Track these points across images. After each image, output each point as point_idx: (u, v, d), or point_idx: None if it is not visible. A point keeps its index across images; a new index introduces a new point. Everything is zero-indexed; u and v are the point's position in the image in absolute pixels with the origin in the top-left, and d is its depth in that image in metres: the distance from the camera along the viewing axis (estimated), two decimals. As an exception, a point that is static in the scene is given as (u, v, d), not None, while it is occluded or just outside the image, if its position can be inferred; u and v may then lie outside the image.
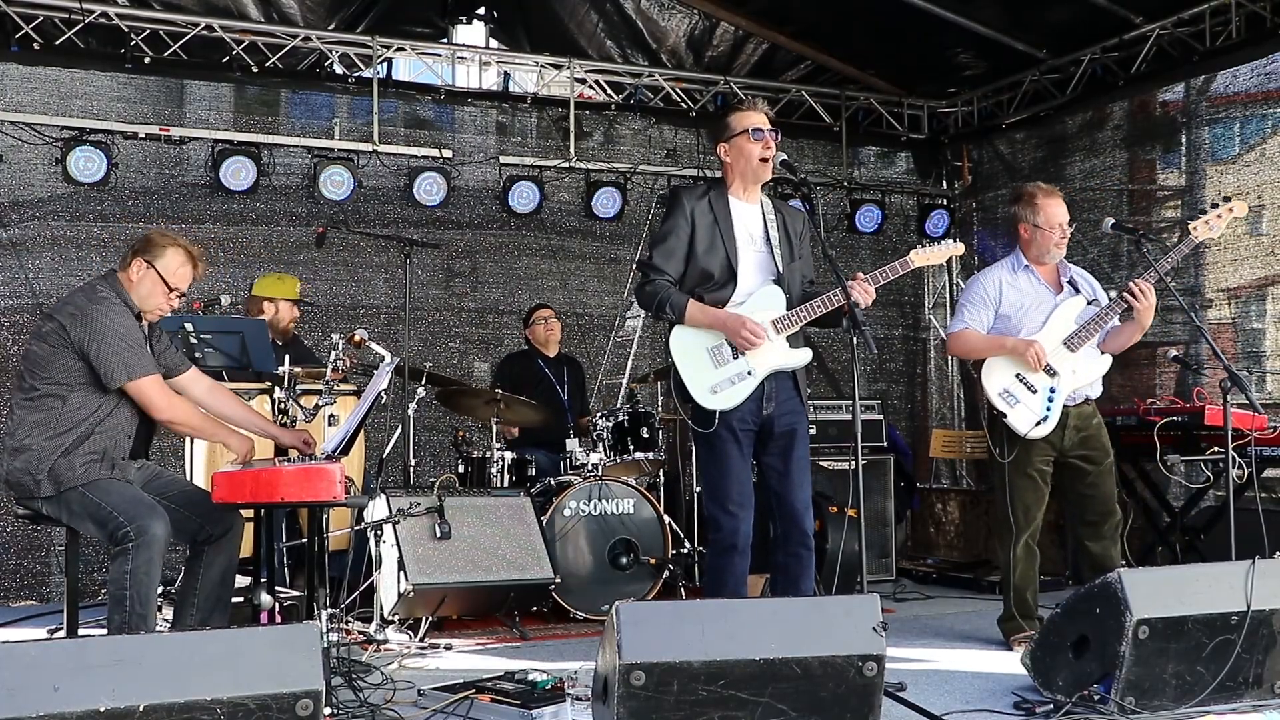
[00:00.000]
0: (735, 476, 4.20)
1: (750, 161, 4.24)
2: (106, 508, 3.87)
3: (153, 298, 4.13)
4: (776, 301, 4.23)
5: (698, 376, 4.18)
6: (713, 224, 4.23)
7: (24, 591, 6.56)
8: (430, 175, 7.40)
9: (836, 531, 6.16)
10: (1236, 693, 3.76)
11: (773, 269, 4.27)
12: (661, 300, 4.19)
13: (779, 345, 4.22)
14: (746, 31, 8.13)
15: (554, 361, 6.87)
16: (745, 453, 4.24)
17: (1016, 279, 4.93)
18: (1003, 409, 4.80)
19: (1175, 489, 6.28)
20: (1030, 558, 4.98)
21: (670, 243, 4.23)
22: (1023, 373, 4.80)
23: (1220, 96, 7.11)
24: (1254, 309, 6.96)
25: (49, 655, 2.68)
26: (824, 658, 3.21)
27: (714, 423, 4.15)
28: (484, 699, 4.00)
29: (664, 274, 4.22)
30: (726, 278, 4.21)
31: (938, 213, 8.74)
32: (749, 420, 4.21)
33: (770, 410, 4.23)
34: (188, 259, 4.16)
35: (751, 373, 4.18)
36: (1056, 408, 4.78)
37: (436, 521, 5.27)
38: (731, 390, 4.16)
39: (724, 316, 4.16)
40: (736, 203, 4.30)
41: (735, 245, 4.23)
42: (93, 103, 6.95)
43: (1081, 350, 4.79)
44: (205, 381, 4.42)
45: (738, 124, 4.24)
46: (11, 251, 6.73)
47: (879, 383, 8.79)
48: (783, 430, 4.26)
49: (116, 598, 3.78)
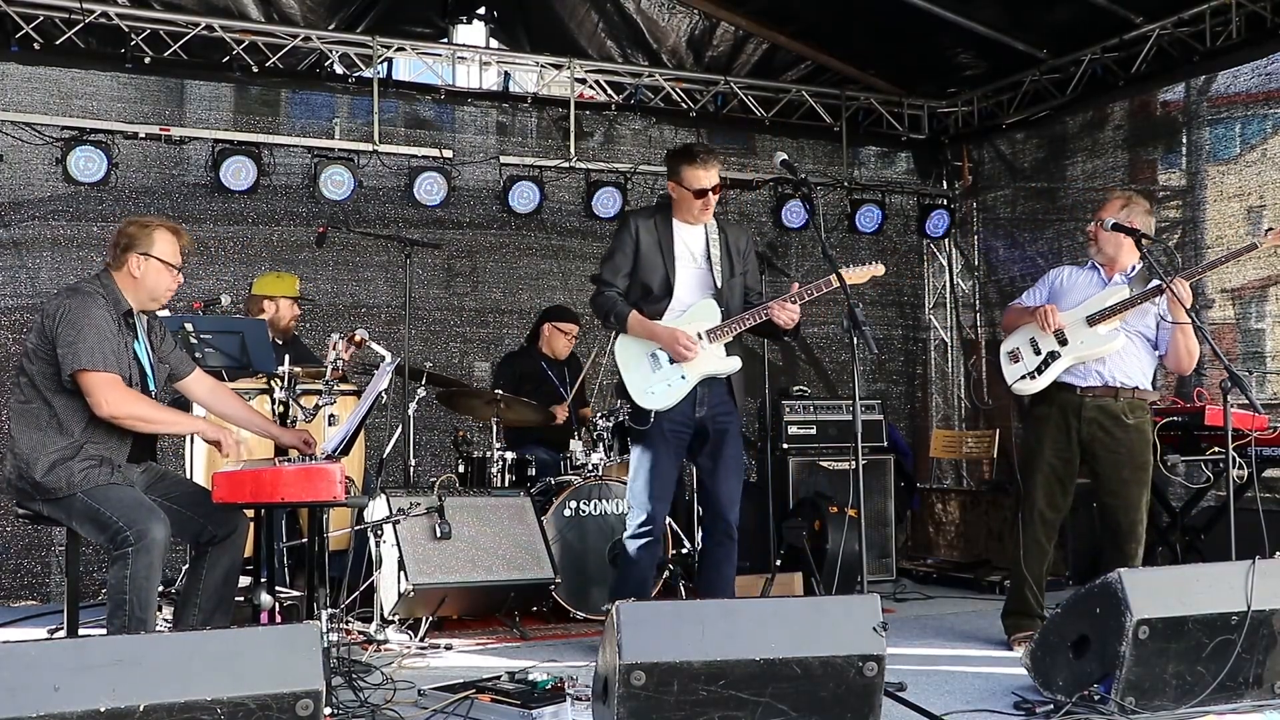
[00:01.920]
0: (661, 473, 4.68)
1: (690, 211, 4.74)
2: (106, 512, 3.84)
3: (160, 285, 4.13)
4: (712, 314, 4.70)
5: (637, 379, 4.69)
6: (656, 243, 4.73)
7: (24, 591, 6.57)
8: (431, 175, 7.40)
9: (837, 532, 6.16)
10: (1237, 693, 3.76)
11: (711, 285, 4.75)
12: (609, 310, 4.74)
13: (712, 353, 4.68)
14: (747, 31, 8.13)
15: (555, 362, 6.86)
16: (675, 453, 4.72)
17: (1081, 271, 5.03)
18: (1004, 364, 4.96)
19: (1176, 489, 6.27)
20: (1039, 553, 4.95)
21: (617, 259, 4.76)
22: (1036, 337, 4.89)
23: (1221, 96, 7.11)
24: (1255, 309, 6.96)
25: (49, 655, 2.68)
26: (824, 658, 3.21)
27: (649, 421, 4.64)
28: (484, 699, 4.00)
29: (613, 286, 4.76)
30: (663, 292, 4.71)
31: (938, 213, 8.74)
32: (683, 422, 4.68)
33: (703, 413, 4.70)
34: (172, 233, 4.17)
35: (685, 377, 4.65)
36: (1051, 371, 4.83)
37: (437, 521, 5.27)
38: (667, 393, 4.64)
39: (660, 330, 4.66)
40: (680, 225, 4.79)
41: (674, 263, 4.73)
42: (93, 103, 6.95)
43: (1100, 326, 4.79)
44: (208, 382, 4.43)
45: (688, 180, 4.69)
46: (12, 251, 6.73)
47: (879, 383, 8.79)
48: (715, 431, 4.72)
49: (116, 602, 3.77)
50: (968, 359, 8.98)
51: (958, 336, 9.03)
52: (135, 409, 3.98)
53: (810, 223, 8.13)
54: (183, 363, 4.38)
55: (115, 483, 3.96)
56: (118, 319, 4.04)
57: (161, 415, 4.11)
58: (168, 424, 4.24)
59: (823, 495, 6.69)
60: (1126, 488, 4.82)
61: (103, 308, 4.00)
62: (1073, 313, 4.85)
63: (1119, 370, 4.83)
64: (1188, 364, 4.83)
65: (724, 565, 4.75)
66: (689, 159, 4.70)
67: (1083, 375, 4.83)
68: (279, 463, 3.97)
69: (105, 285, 4.08)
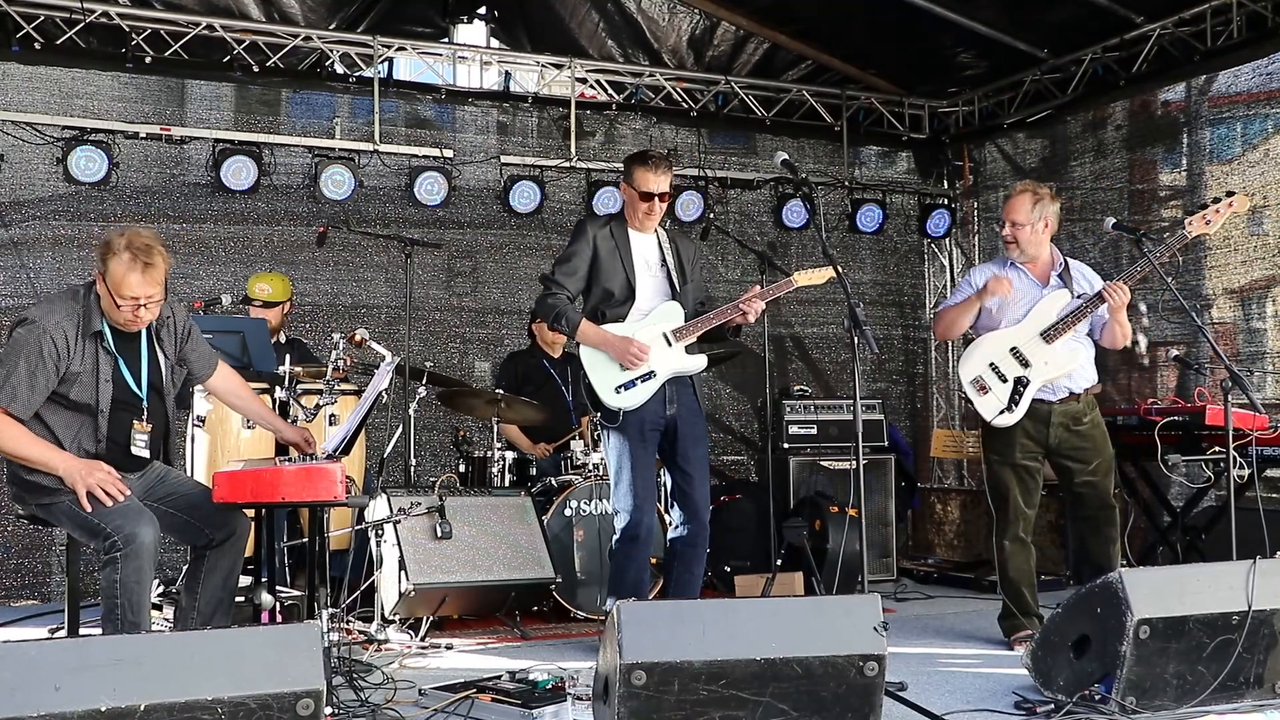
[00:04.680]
0: (641, 473, 4.72)
1: (637, 214, 4.84)
2: (93, 518, 3.81)
3: (111, 311, 3.91)
4: (675, 315, 4.81)
5: (604, 378, 4.73)
6: (614, 250, 4.81)
7: (25, 591, 6.56)
8: (431, 175, 7.39)
9: (837, 531, 6.17)
10: (1237, 693, 3.77)
11: (668, 290, 4.86)
12: (559, 314, 4.77)
13: (678, 352, 4.78)
14: (747, 31, 8.13)
15: (558, 360, 6.86)
16: (650, 451, 4.78)
17: (1004, 274, 4.99)
18: (972, 396, 4.94)
19: (1176, 489, 6.27)
20: (1022, 552, 5.01)
21: (574, 263, 4.82)
22: (996, 361, 4.90)
23: (1222, 96, 7.10)
24: (1255, 309, 6.96)
25: (50, 655, 2.68)
26: (825, 657, 3.21)
27: (619, 419, 4.70)
28: (485, 699, 4.01)
29: (565, 289, 4.81)
30: (625, 296, 4.80)
31: (939, 212, 8.74)
32: (655, 421, 4.75)
33: (673, 411, 4.79)
34: (131, 264, 3.81)
35: (654, 373, 4.72)
36: (1025, 398, 4.84)
37: (437, 521, 5.27)
38: (636, 391, 4.70)
39: (611, 338, 4.72)
40: (634, 234, 4.88)
41: (634, 268, 4.82)
42: (94, 102, 6.95)
43: (1058, 342, 4.84)
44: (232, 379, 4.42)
45: (638, 181, 4.80)
46: (13, 251, 6.73)
47: (879, 382, 8.79)
48: (685, 432, 4.81)
49: (108, 607, 3.77)
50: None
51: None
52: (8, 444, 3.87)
53: (811, 222, 8.13)
54: (203, 364, 4.31)
55: None
56: (79, 341, 3.90)
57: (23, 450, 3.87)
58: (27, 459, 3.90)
59: (823, 495, 6.70)
60: (1097, 476, 4.97)
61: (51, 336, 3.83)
62: (1023, 328, 4.90)
63: (1080, 376, 4.95)
64: (1122, 342, 4.98)
65: (696, 565, 4.84)
66: (641, 161, 4.83)
67: (1051, 390, 4.91)
68: (279, 462, 3.97)
69: (85, 301, 3.95)
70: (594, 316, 4.83)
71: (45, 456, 3.87)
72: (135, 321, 3.94)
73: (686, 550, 4.82)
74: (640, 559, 4.76)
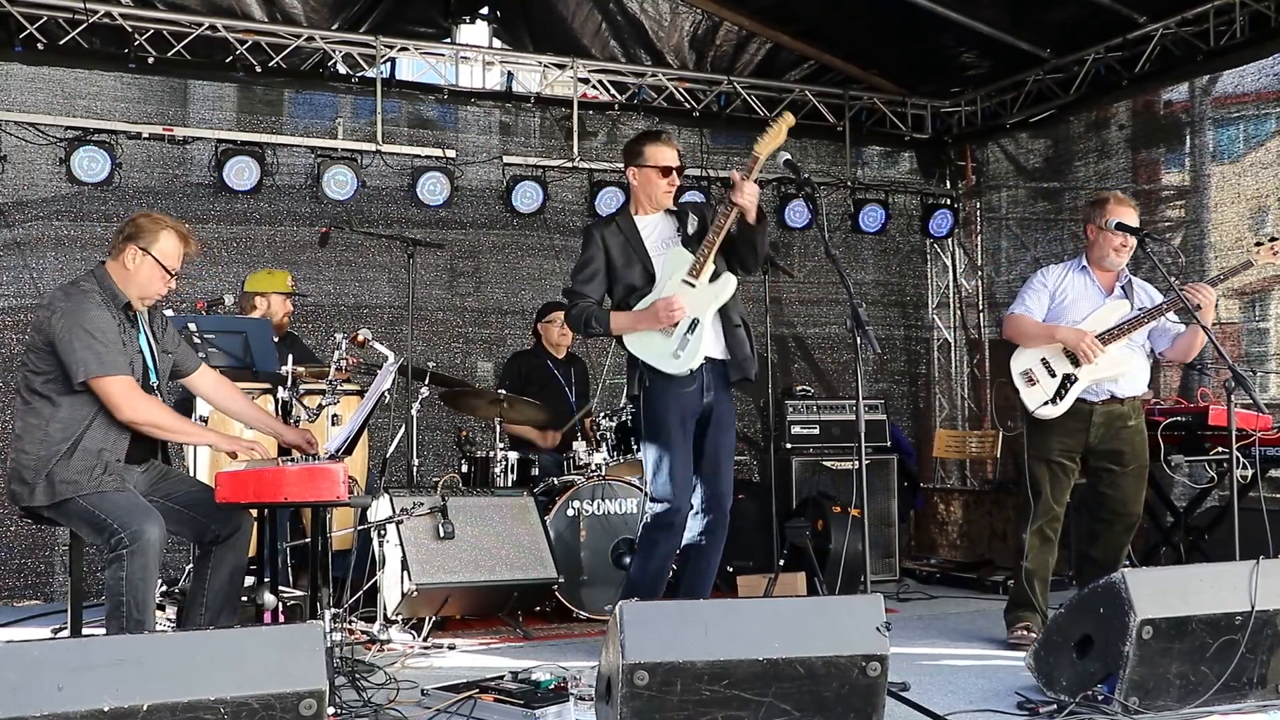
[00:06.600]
0: (680, 462, 4.61)
1: (656, 192, 4.74)
2: (101, 515, 3.83)
3: (151, 284, 4.09)
4: (684, 258, 4.62)
5: (659, 353, 4.58)
6: (624, 243, 4.72)
7: (28, 591, 6.57)
8: (433, 175, 7.39)
9: (840, 531, 6.16)
10: (1240, 693, 3.76)
11: None
12: (588, 318, 4.69)
13: (704, 287, 4.58)
14: (750, 31, 8.13)
15: (562, 361, 6.87)
16: (689, 440, 4.66)
17: (1075, 277, 5.06)
18: (1020, 387, 4.97)
19: (1179, 489, 6.27)
20: (1045, 546, 5.02)
21: (590, 269, 4.74)
22: (1048, 357, 4.93)
23: (1225, 96, 7.10)
24: (1259, 310, 6.95)
25: (53, 655, 2.68)
26: (827, 658, 3.21)
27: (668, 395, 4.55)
28: (487, 699, 4.00)
29: (587, 297, 4.73)
30: (645, 281, 4.69)
31: (941, 212, 8.73)
32: (693, 409, 4.64)
33: (709, 399, 4.67)
34: (180, 239, 4.14)
35: (698, 320, 4.54)
36: (1070, 394, 4.87)
37: (440, 521, 5.27)
38: (691, 346, 4.53)
39: (642, 313, 4.60)
40: (642, 220, 4.79)
41: (648, 253, 4.71)
42: (96, 103, 6.96)
43: (1112, 346, 4.87)
44: (213, 377, 4.42)
45: (651, 157, 4.71)
46: (16, 251, 6.74)
47: (882, 382, 8.79)
48: (717, 420, 4.70)
49: (113, 604, 3.77)
50: (971, 359, 8.97)
51: (961, 336, 9.03)
52: (153, 415, 4.01)
53: (814, 222, 8.14)
54: (188, 357, 4.37)
55: (109, 488, 3.92)
56: (117, 313, 4.02)
57: (177, 425, 4.13)
58: (182, 434, 4.22)
59: (826, 495, 6.69)
60: (1127, 480, 4.98)
61: (100, 306, 3.98)
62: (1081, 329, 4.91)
63: (1128, 382, 4.96)
64: (1192, 356, 5.06)
65: (713, 554, 4.76)
66: (653, 138, 4.78)
67: (1096, 392, 4.93)
68: (282, 463, 3.97)
69: (100, 280, 4.05)
70: (621, 310, 4.75)
71: (188, 427, 4.27)
72: (161, 294, 4.15)
73: (707, 538, 4.74)
74: (669, 548, 4.70)
